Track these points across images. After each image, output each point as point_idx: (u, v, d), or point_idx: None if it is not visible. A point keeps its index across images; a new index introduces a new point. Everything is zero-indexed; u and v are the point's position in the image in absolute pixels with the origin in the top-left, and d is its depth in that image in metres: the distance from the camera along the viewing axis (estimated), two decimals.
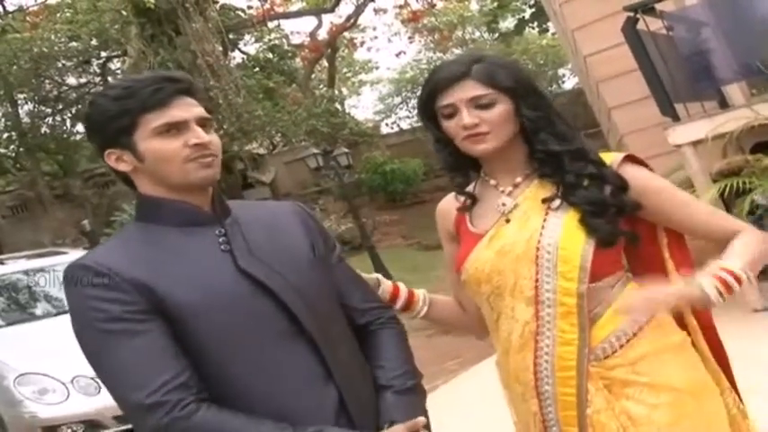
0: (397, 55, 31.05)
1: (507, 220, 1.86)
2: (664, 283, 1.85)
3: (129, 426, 1.56)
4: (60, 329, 6.73)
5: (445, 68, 1.88)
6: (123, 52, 18.03)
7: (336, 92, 24.96)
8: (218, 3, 18.25)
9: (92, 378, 5.79)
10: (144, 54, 14.63)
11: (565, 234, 1.78)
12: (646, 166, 1.91)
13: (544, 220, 1.81)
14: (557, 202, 1.82)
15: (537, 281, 1.79)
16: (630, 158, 1.88)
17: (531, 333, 1.80)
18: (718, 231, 1.89)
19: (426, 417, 1.73)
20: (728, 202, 6.27)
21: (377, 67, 28.56)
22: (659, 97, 6.32)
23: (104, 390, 5.40)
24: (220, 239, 1.67)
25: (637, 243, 1.87)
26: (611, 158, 1.87)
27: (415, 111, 2.08)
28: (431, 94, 1.88)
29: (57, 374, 5.87)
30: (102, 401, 5.68)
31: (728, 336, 5.75)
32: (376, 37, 33.68)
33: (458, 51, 27.27)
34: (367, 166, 20.30)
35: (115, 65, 21.57)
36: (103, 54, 21.16)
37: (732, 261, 1.77)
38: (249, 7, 21.83)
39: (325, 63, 25.13)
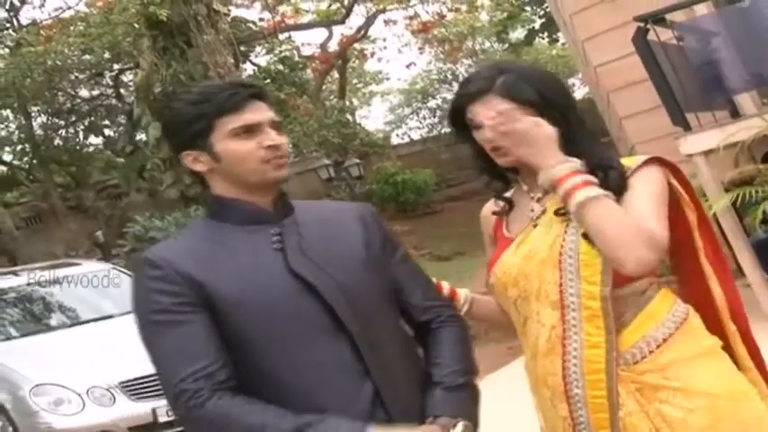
0: (408, 66, 31.07)
1: (535, 226, 1.89)
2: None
3: None
4: (75, 340, 6.84)
5: (469, 83, 1.93)
6: (136, 65, 18.13)
7: (347, 103, 25.01)
8: (229, 15, 18.35)
9: (106, 389, 5.84)
10: (156, 66, 14.72)
11: (585, 239, 1.79)
12: (672, 167, 1.91)
13: (567, 226, 1.82)
14: None
15: (561, 285, 1.80)
16: (653, 161, 1.87)
17: (557, 337, 1.82)
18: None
19: (475, 413, 1.79)
20: (741, 211, 6.28)
21: (387, 78, 28.60)
22: (670, 107, 6.33)
23: (119, 400, 5.47)
24: (274, 238, 1.76)
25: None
26: (631, 162, 1.87)
27: (426, 121, 2.12)
28: (458, 108, 1.93)
29: (72, 385, 5.92)
30: (117, 412, 5.74)
31: None
32: (386, 48, 33.75)
33: (468, 62, 27.29)
34: (378, 176, 20.30)
35: (128, 77, 21.71)
36: (116, 66, 21.29)
37: (551, 167, 1.79)
38: (260, 19, 21.98)
39: (335, 74, 25.20)
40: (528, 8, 22.18)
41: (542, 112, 1.84)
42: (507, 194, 2.01)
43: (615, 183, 1.81)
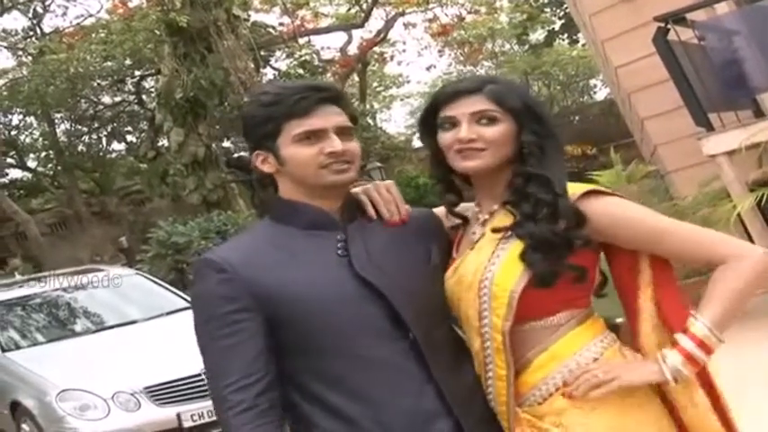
0: (428, 69, 30.96)
1: (472, 249, 1.83)
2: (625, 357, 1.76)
3: None
4: (100, 346, 6.89)
5: (456, 84, 1.88)
6: (157, 71, 18.28)
7: (368, 106, 25.06)
8: (249, 20, 18.45)
9: (131, 394, 5.88)
10: (177, 72, 14.82)
11: (502, 267, 1.74)
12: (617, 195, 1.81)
13: (492, 252, 1.77)
14: (509, 232, 1.77)
15: (480, 313, 1.76)
16: (596, 193, 1.78)
17: (481, 363, 1.79)
18: (701, 259, 1.81)
19: None
20: (766, 210, 6.20)
21: (408, 81, 28.57)
22: (692, 107, 6.27)
23: (144, 405, 5.50)
24: (339, 244, 1.77)
25: (584, 280, 1.76)
26: (573, 190, 1.78)
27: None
28: (435, 104, 1.86)
29: (97, 390, 5.96)
30: (142, 417, 5.77)
31: (754, 344, 5.48)
32: (405, 51, 33.76)
33: (488, 64, 27.23)
34: (400, 179, 20.29)
35: (149, 83, 21.90)
36: (137, 73, 21.49)
37: (702, 319, 1.69)
38: (280, 24, 22.06)
39: (356, 78, 25.25)
40: (547, 9, 22.11)
41: (524, 121, 1.79)
42: (462, 210, 1.94)
43: (564, 210, 1.73)
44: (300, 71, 23.21)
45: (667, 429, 1.74)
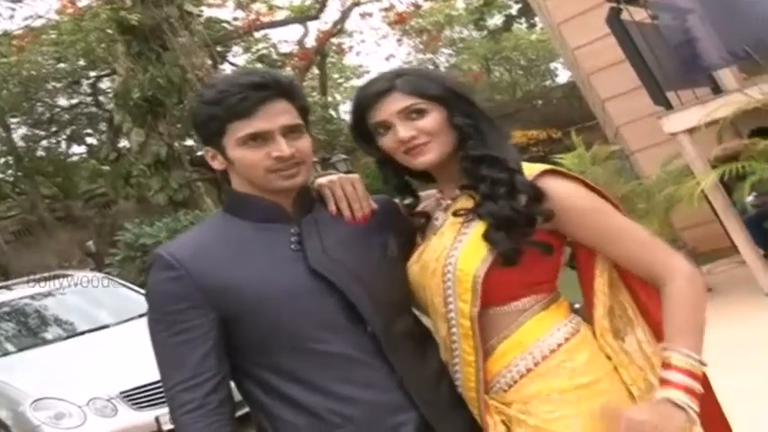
0: (387, 59, 30.92)
1: (435, 234, 1.83)
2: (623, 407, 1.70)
3: None
4: (72, 352, 6.82)
5: (368, 86, 1.84)
6: (112, 71, 17.99)
7: (330, 98, 24.98)
8: (202, 16, 18.22)
9: (108, 399, 5.84)
10: (133, 71, 14.61)
11: (465, 250, 1.73)
12: (577, 180, 1.80)
13: (455, 237, 1.76)
14: (470, 215, 1.76)
15: (445, 299, 1.75)
16: (553, 172, 1.78)
17: (448, 349, 1.78)
18: (644, 273, 1.78)
19: None
20: (730, 185, 6.27)
21: (368, 72, 28.44)
22: (650, 87, 6.35)
23: (121, 410, 5.45)
24: (293, 238, 1.74)
25: (549, 255, 1.76)
26: (530, 170, 1.77)
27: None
28: (359, 114, 1.83)
29: (72, 398, 5.90)
30: (120, 422, 5.74)
31: (740, 321, 5.66)
32: (364, 41, 33.64)
33: (447, 51, 27.29)
34: (366, 171, 20.30)
35: (105, 84, 21.59)
36: (92, 74, 21.14)
37: (677, 349, 1.68)
38: (235, 19, 21.80)
39: (315, 70, 25.14)
40: None
41: (452, 105, 1.78)
42: (422, 206, 1.93)
43: (522, 185, 1.73)
44: (259, 66, 23.10)
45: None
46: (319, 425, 1.68)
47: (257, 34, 22.75)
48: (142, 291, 7.82)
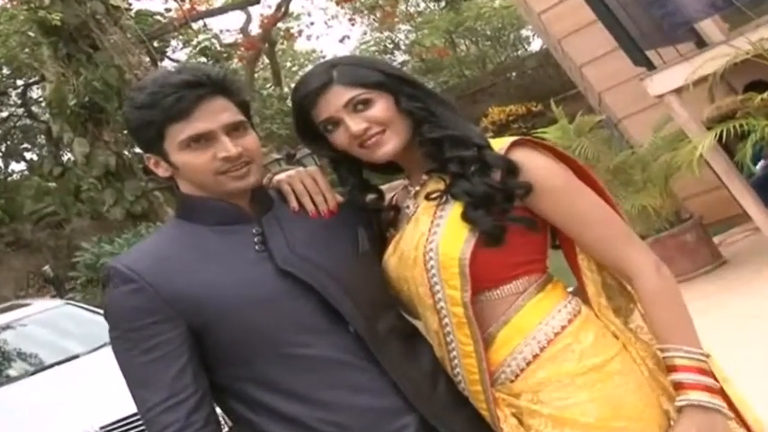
0: (342, 40, 30.80)
1: (408, 222, 1.83)
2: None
3: None
4: (42, 388, 6.69)
5: (305, 84, 1.83)
6: (41, 77, 17.73)
7: (285, 89, 24.84)
8: (131, 10, 17.92)
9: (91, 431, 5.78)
10: (64, 77, 14.38)
11: (445, 234, 1.72)
12: (549, 150, 1.80)
13: (432, 221, 1.76)
14: (443, 197, 1.77)
15: (431, 288, 1.74)
16: (522, 143, 1.78)
17: (443, 344, 1.77)
18: (608, 263, 1.80)
19: None
20: (731, 147, 6.23)
21: (323, 56, 28.43)
22: (626, 46, 6.28)
23: None
24: (255, 238, 1.73)
25: (535, 229, 1.77)
26: (499, 144, 1.78)
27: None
28: (302, 113, 1.83)
29: None
30: None
31: (758, 293, 5.60)
32: (313, 23, 33.40)
33: (406, 27, 27.17)
34: (333, 173, 20.19)
35: (36, 92, 21.26)
36: (20, 82, 20.84)
37: (676, 347, 1.71)
38: (167, 10, 21.36)
39: (266, 60, 24.99)
40: None
41: (396, 90, 1.79)
42: (388, 199, 1.94)
43: (494, 160, 1.74)
44: (202, 59, 22.85)
45: (652, 394, 1.74)
46: None
47: (195, 25, 22.47)
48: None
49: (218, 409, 1.74)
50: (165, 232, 1.86)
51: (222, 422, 1.74)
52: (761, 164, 6.77)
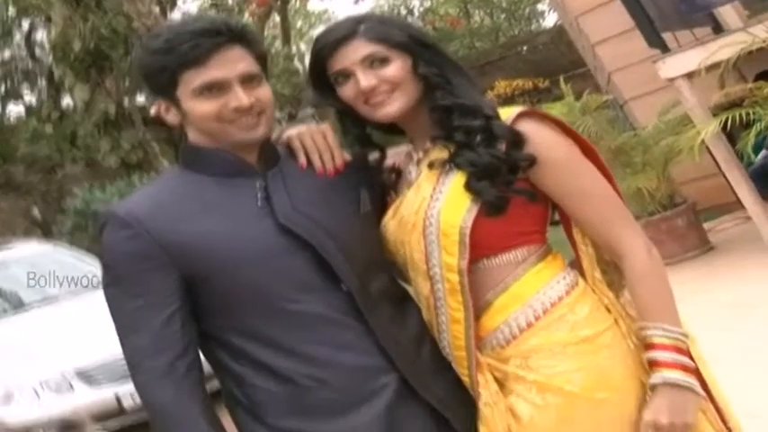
0: (356, 2, 30.60)
1: (410, 188, 1.86)
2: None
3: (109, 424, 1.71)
4: (21, 328, 6.76)
5: (329, 33, 1.85)
6: (47, 19, 17.61)
7: (294, 49, 24.71)
8: None
9: (62, 377, 5.81)
10: (71, 20, 14.28)
11: (447, 202, 1.75)
12: (555, 123, 1.83)
13: (434, 188, 1.78)
14: (447, 166, 1.79)
15: (426, 254, 1.77)
16: (529, 114, 1.81)
17: (431, 308, 1.81)
18: (600, 241, 1.84)
19: None
20: (734, 135, 6.27)
21: (336, 17, 28.28)
22: (644, 27, 6.28)
23: (78, 388, 5.38)
24: (259, 193, 1.75)
25: (536, 200, 1.80)
26: (506, 114, 1.80)
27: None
28: (318, 62, 1.85)
29: (23, 377, 5.89)
30: (76, 401, 5.72)
31: (753, 281, 5.77)
32: None
33: None
34: (337, 125, 20.16)
35: (41, 34, 21.16)
36: (25, 24, 20.74)
37: (655, 325, 1.75)
38: None
39: (276, 18, 24.82)
40: None
41: (416, 54, 1.81)
42: (392, 161, 1.96)
43: (500, 131, 1.76)
44: (213, 13, 22.72)
45: (634, 368, 1.78)
46: (293, 390, 1.70)
47: None
48: (95, 260, 7.84)
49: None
50: (167, 180, 1.88)
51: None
52: (762, 153, 6.78)
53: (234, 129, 1.72)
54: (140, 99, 16.92)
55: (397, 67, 1.79)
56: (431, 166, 1.81)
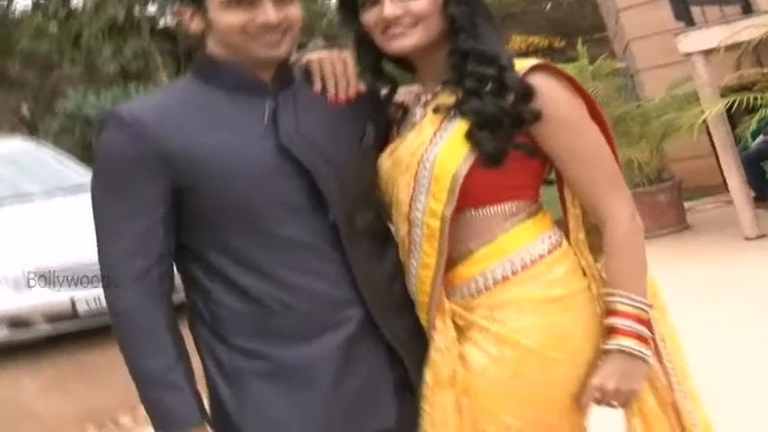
0: None
1: (411, 130, 1.85)
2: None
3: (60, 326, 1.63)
4: None
5: None
6: None
7: None
8: None
9: (20, 274, 5.81)
10: None
11: (445, 148, 1.75)
12: (568, 80, 1.82)
13: (435, 133, 1.78)
14: (452, 112, 1.78)
15: (411, 198, 1.78)
16: (543, 68, 1.79)
17: (405, 250, 1.82)
18: (587, 203, 1.84)
19: None
20: (736, 118, 6.29)
21: None
22: None
23: (36, 288, 5.33)
24: (267, 113, 1.74)
25: (534, 155, 1.79)
26: (520, 65, 1.79)
27: None
28: None
29: None
30: (32, 299, 5.73)
31: (722, 264, 5.90)
32: None
33: None
34: (354, 53, 19.95)
35: None
36: None
37: (620, 293, 1.76)
38: None
39: None
40: None
41: None
42: (401, 97, 1.95)
43: (511, 82, 1.74)
44: None
45: (594, 332, 1.79)
46: (259, 311, 1.71)
47: None
48: (79, 165, 7.77)
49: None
50: (177, 89, 1.88)
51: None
52: (759, 138, 6.79)
53: (257, 45, 1.71)
54: (151, 9, 16.74)
55: (426, 1, 1.77)
56: (436, 110, 1.80)
